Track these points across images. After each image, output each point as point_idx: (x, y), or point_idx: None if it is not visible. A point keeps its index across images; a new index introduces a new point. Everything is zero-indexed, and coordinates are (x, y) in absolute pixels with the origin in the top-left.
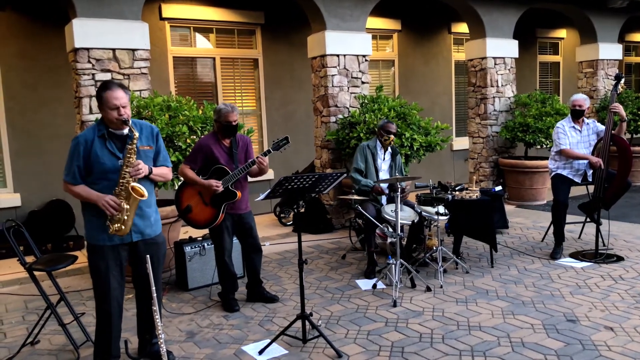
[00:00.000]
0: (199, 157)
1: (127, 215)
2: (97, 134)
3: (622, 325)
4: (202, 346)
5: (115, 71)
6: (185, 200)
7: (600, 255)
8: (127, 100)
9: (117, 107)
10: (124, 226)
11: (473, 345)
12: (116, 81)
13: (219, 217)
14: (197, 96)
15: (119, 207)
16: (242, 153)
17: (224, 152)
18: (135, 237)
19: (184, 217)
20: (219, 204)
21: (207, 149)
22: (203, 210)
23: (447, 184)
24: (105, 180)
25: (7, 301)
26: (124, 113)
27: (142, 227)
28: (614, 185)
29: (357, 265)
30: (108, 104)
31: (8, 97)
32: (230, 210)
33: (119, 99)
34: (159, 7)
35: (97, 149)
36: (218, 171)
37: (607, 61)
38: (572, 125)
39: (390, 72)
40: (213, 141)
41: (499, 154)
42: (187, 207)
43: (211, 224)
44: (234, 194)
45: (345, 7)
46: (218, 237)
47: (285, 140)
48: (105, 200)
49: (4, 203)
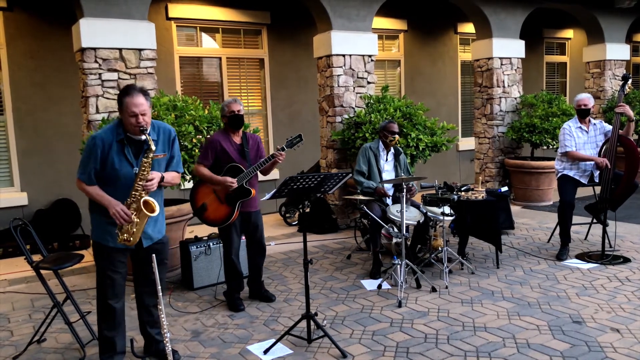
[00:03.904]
0: (209, 153)
1: (135, 228)
2: (116, 138)
3: (628, 327)
4: (207, 345)
5: (122, 71)
6: (200, 199)
7: (607, 257)
8: (147, 106)
9: (136, 114)
10: (132, 238)
11: (478, 346)
12: (138, 86)
13: (234, 214)
14: (203, 96)
15: (129, 218)
16: (253, 151)
17: (234, 149)
18: (145, 243)
19: (200, 215)
20: (233, 202)
21: (217, 144)
22: (218, 208)
23: (452, 185)
24: (116, 184)
25: (14, 299)
26: (142, 121)
27: (151, 233)
28: (621, 186)
29: (362, 266)
30: (127, 111)
31: (16, 97)
32: (241, 209)
33: (138, 106)
34: (166, 7)
35: (114, 153)
36: (232, 169)
37: (615, 61)
38: (578, 126)
39: (396, 72)
40: (223, 137)
41: (505, 154)
42: (202, 206)
43: (226, 221)
44: (248, 191)
45: (351, 7)
46: (227, 235)
47: (298, 138)
48: (116, 209)
49: (11, 202)
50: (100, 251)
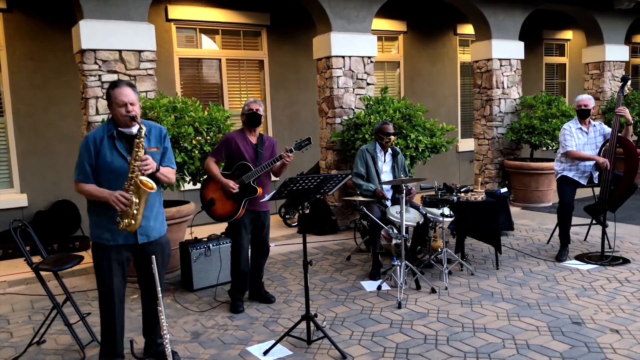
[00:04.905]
0: (223, 150)
1: (136, 209)
2: (107, 133)
3: (627, 327)
4: (207, 347)
5: (122, 72)
6: (209, 194)
7: (606, 258)
8: (135, 98)
9: (125, 103)
10: (134, 221)
11: (478, 347)
12: (125, 80)
13: (239, 211)
14: (202, 97)
15: (128, 201)
16: (267, 152)
17: (249, 147)
18: (140, 239)
19: (207, 209)
20: (240, 199)
21: (233, 141)
22: (225, 204)
23: (452, 186)
24: (110, 180)
25: (13, 301)
26: (132, 110)
27: (148, 230)
28: (620, 187)
29: (361, 267)
30: (116, 101)
31: (15, 98)
32: (250, 207)
33: (127, 95)
34: (165, 9)
35: (106, 148)
36: (242, 167)
37: (614, 63)
38: (578, 127)
39: (396, 73)
40: (239, 136)
41: (505, 155)
42: (210, 200)
43: (231, 217)
44: (255, 189)
45: (351, 9)
46: (235, 233)
47: (307, 142)
48: (115, 195)
49: (10, 203)
50: (99, 252)
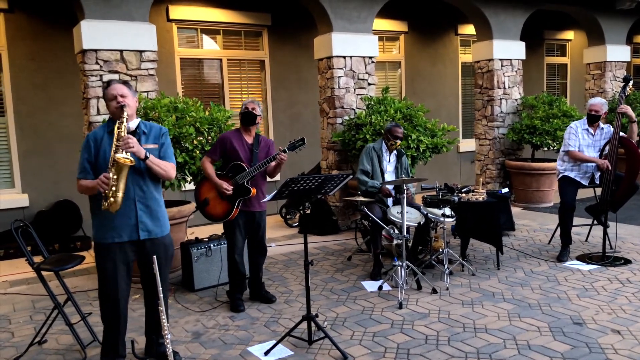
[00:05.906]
0: (218, 149)
1: (114, 184)
2: (107, 130)
3: (629, 328)
4: (208, 347)
5: (123, 72)
6: (204, 194)
7: (608, 258)
8: (125, 90)
9: (115, 96)
10: (113, 198)
11: (479, 348)
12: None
13: (233, 212)
14: (204, 97)
15: (108, 180)
16: (262, 152)
17: (244, 147)
18: (142, 234)
19: (201, 209)
20: (233, 200)
21: (228, 141)
22: (219, 204)
23: (453, 186)
24: None
25: (15, 301)
26: (121, 100)
27: (150, 226)
28: (622, 188)
29: (363, 267)
30: (108, 96)
31: (17, 98)
32: (244, 207)
33: (116, 89)
34: (167, 9)
35: (106, 145)
36: (236, 167)
37: (615, 63)
38: (585, 128)
39: (397, 73)
40: (235, 135)
41: (506, 155)
42: (204, 200)
43: (225, 218)
44: (248, 190)
45: (352, 9)
46: (230, 234)
47: (301, 142)
48: (99, 178)
49: (12, 203)
50: (105, 253)
